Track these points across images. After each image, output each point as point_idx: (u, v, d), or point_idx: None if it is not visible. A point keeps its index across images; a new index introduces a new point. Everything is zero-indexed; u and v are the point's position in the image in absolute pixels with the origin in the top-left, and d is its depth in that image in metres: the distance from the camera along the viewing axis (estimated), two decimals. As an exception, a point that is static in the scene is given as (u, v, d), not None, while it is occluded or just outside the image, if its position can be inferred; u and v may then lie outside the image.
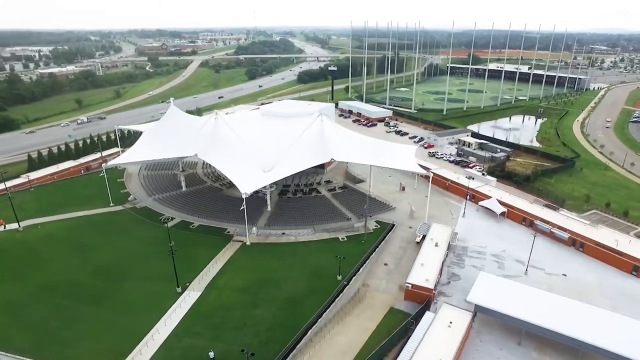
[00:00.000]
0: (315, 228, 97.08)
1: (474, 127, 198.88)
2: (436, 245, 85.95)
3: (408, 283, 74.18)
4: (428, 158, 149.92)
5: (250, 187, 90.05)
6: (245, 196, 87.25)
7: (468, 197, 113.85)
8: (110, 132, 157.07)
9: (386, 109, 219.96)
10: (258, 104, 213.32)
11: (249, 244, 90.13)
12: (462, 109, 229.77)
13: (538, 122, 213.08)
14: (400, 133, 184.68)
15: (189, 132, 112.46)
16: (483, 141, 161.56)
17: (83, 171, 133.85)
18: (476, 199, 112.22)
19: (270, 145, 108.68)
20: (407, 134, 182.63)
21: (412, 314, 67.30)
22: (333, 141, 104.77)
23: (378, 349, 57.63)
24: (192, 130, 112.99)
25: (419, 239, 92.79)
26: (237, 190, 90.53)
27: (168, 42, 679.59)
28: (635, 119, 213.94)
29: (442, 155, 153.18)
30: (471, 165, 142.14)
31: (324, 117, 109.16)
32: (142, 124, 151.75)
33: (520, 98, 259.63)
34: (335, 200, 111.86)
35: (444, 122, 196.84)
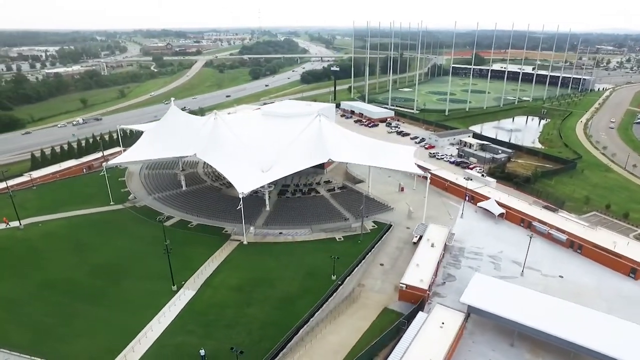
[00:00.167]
0: (313, 228, 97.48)
1: (476, 128, 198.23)
2: (432, 246, 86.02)
3: (402, 283, 74.35)
4: (428, 159, 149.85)
5: (247, 187, 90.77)
6: (243, 196, 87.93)
7: (467, 198, 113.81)
8: (113, 132, 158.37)
9: (388, 109, 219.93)
10: (261, 104, 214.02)
11: (246, 243, 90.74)
12: (465, 109, 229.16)
13: (541, 123, 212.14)
14: (401, 134, 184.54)
15: (188, 132, 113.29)
16: (484, 142, 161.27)
17: (85, 170, 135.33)
18: (475, 200, 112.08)
19: (269, 145, 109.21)
20: (409, 134, 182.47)
21: (406, 314, 67.43)
22: (331, 142, 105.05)
23: (368, 348, 57.94)
24: (192, 130, 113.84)
25: (416, 239, 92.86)
26: (236, 190, 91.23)
27: (173, 42, 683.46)
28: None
29: (443, 156, 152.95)
30: (471, 166, 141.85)
31: (322, 118, 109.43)
32: (144, 123, 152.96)
33: (523, 99, 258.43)
34: (334, 200, 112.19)
35: (446, 123, 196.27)
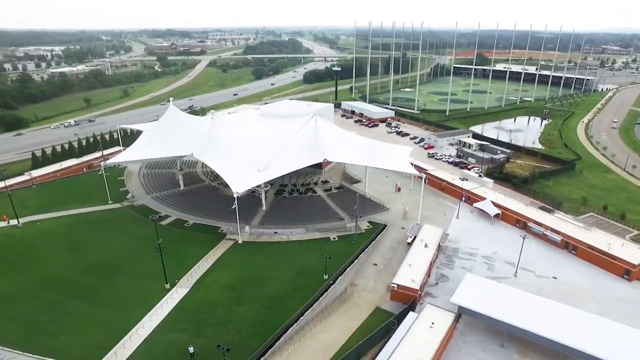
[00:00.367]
0: (308, 227, 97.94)
1: (477, 129, 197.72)
2: (426, 246, 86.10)
3: (394, 283, 74.58)
4: (427, 159, 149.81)
5: (242, 187, 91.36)
6: (237, 195, 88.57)
7: (463, 199, 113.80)
8: (114, 132, 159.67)
9: (388, 109, 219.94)
10: (262, 104, 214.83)
11: (241, 242, 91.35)
12: (466, 109, 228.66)
13: (543, 124, 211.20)
14: (401, 134, 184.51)
15: (186, 132, 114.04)
16: (483, 142, 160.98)
17: (85, 169, 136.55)
18: (471, 200, 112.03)
19: (266, 145, 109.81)
20: (408, 134, 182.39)
21: (396, 314, 67.68)
22: (327, 142, 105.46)
23: (355, 347, 58.25)
24: (190, 130, 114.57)
25: (410, 239, 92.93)
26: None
27: (177, 42, 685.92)
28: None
29: (442, 156, 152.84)
30: (470, 166, 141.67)
31: (319, 118, 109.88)
32: (143, 123, 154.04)
33: (525, 99, 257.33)
34: (330, 200, 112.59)
35: (446, 123, 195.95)
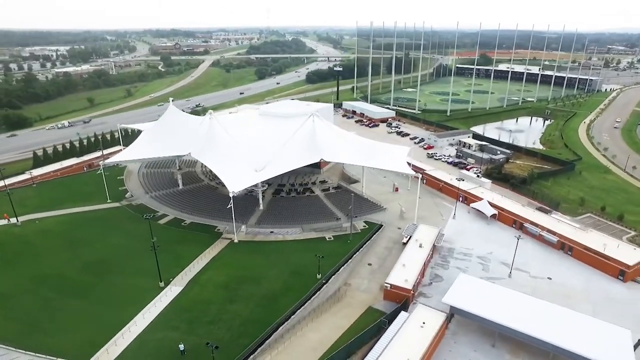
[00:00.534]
0: (304, 227, 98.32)
1: (478, 129, 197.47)
2: (420, 246, 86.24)
3: (387, 283, 74.83)
4: (426, 159, 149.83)
5: (238, 186, 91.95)
6: (233, 195, 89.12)
7: (460, 199, 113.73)
8: (115, 131, 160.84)
9: (390, 109, 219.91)
10: (265, 104, 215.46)
11: (236, 241, 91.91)
12: (467, 110, 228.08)
13: (545, 124, 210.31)
14: (401, 134, 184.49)
15: (185, 132, 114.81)
16: (483, 143, 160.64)
17: (86, 168, 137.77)
18: (468, 200, 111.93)
19: (264, 145, 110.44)
20: (408, 134, 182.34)
21: (387, 314, 67.90)
22: (324, 141, 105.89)
23: (345, 346, 58.56)
24: (188, 130, 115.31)
25: (405, 239, 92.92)
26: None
27: (181, 42, 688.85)
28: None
29: (441, 157, 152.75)
30: (468, 167, 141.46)
31: (316, 118, 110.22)
32: (143, 123, 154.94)
33: (528, 99, 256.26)
34: (328, 200, 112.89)
35: (447, 123, 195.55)
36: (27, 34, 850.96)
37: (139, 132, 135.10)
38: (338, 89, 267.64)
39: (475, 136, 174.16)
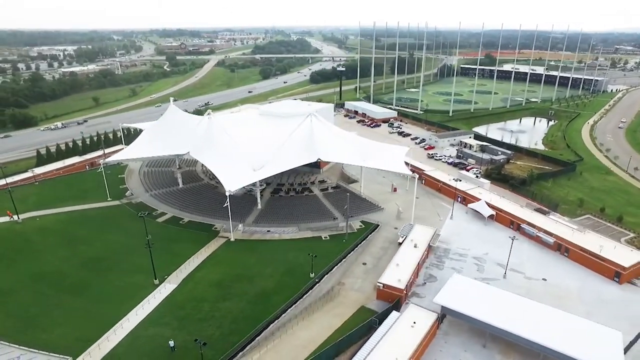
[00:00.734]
0: (300, 226, 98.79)
1: (481, 129, 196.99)
2: (415, 246, 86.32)
3: (380, 283, 75.05)
4: (427, 159, 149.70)
5: (234, 185, 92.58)
6: (229, 193, 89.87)
7: (459, 200, 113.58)
8: (117, 130, 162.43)
9: (392, 109, 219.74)
10: (268, 104, 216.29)
11: (233, 240, 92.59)
12: (470, 110, 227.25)
13: (549, 125, 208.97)
14: (402, 134, 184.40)
15: (184, 131, 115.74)
16: (484, 143, 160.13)
17: (88, 167, 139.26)
18: (466, 201, 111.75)
19: (262, 144, 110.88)
20: (410, 135, 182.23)
21: (378, 313, 68.14)
22: (321, 141, 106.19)
23: (333, 344, 58.92)
24: (188, 130, 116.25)
25: (401, 239, 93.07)
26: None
27: (187, 42, 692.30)
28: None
29: (441, 157, 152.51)
30: (468, 167, 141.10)
31: (314, 118, 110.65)
32: (145, 122, 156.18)
33: (532, 100, 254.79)
34: (326, 199, 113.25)
35: (449, 124, 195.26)
36: (36, 34, 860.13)
37: (141, 132, 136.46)
38: (341, 89, 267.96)
39: (477, 137, 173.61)
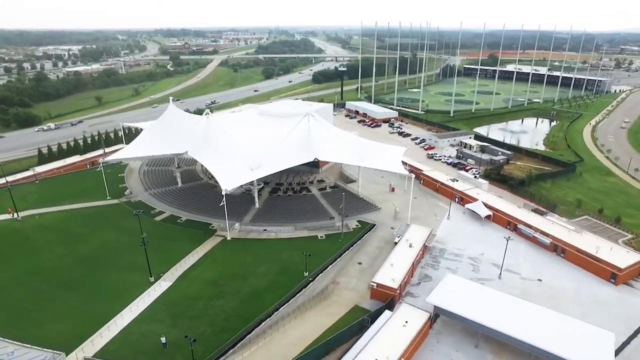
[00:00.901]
0: (296, 226, 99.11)
1: (482, 130, 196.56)
2: (410, 246, 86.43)
3: (373, 282, 75.26)
4: (426, 160, 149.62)
5: (230, 184, 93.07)
6: (226, 192, 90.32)
7: (457, 200, 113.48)
8: (119, 130, 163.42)
9: (393, 109, 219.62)
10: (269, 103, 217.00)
11: (229, 239, 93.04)
12: (471, 110, 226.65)
13: (551, 126, 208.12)
14: (402, 134, 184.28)
15: (183, 131, 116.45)
16: (484, 144, 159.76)
17: (89, 166, 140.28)
18: (463, 201, 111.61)
19: (260, 144, 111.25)
20: (410, 135, 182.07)
21: (370, 312, 68.30)
22: (318, 141, 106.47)
23: (323, 342, 59.18)
24: (187, 129, 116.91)
25: (397, 239, 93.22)
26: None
27: (191, 42, 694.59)
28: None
29: (441, 157, 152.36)
30: (467, 167, 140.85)
31: (311, 118, 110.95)
32: (146, 122, 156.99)
33: (534, 100, 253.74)
34: (323, 199, 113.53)
35: (450, 124, 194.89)
36: (42, 34, 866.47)
37: (141, 131, 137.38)
38: (342, 89, 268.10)
39: (477, 137, 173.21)
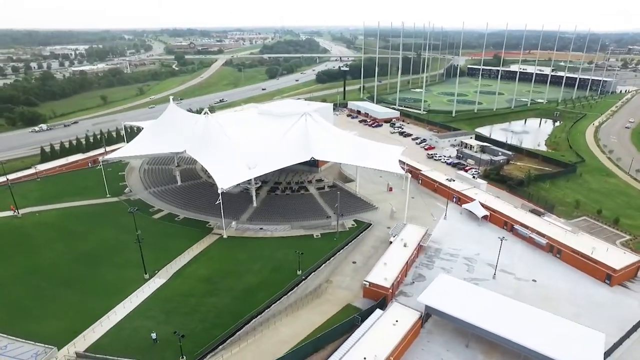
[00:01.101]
0: (293, 224, 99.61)
1: (484, 130, 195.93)
2: (405, 245, 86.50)
3: (366, 281, 75.54)
4: (426, 160, 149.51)
5: (227, 183, 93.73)
6: (222, 191, 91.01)
7: (454, 200, 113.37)
8: (120, 129, 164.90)
9: (394, 109, 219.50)
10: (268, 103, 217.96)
11: (225, 237, 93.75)
12: (473, 111, 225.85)
13: (555, 126, 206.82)
14: (403, 134, 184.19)
15: (183, 130, 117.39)
16: (484, 144, 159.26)
17: (90, 164, 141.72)
18: (461, 201, 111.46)
19: (259, 143, 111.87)
20: (411, 135, 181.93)
21: (362, 311, 68.59)
22: (316, 140, 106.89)
23: (312, 340, 59.62)
24: (186, 128, 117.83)
25: (392, 239, 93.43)
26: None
27: (196, 41, 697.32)
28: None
29: (441, 157, 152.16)
30: (467, 168, 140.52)
31: (309, 117, 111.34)
32: (146, 121, 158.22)
33: (538, 101, 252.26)
34: (321, 198, 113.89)
35: (452, 124, 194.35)
36: (50, 34, 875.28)
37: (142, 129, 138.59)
38: (345, 88, 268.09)
39: (478, 137, 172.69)
